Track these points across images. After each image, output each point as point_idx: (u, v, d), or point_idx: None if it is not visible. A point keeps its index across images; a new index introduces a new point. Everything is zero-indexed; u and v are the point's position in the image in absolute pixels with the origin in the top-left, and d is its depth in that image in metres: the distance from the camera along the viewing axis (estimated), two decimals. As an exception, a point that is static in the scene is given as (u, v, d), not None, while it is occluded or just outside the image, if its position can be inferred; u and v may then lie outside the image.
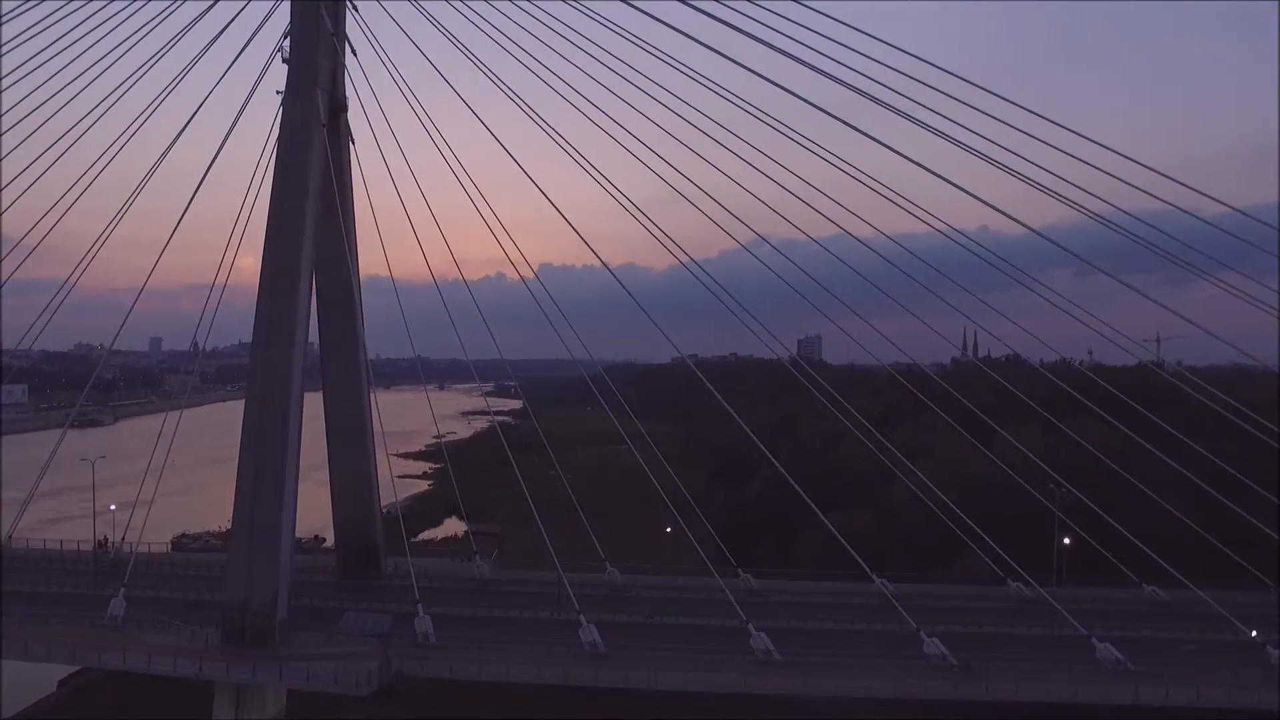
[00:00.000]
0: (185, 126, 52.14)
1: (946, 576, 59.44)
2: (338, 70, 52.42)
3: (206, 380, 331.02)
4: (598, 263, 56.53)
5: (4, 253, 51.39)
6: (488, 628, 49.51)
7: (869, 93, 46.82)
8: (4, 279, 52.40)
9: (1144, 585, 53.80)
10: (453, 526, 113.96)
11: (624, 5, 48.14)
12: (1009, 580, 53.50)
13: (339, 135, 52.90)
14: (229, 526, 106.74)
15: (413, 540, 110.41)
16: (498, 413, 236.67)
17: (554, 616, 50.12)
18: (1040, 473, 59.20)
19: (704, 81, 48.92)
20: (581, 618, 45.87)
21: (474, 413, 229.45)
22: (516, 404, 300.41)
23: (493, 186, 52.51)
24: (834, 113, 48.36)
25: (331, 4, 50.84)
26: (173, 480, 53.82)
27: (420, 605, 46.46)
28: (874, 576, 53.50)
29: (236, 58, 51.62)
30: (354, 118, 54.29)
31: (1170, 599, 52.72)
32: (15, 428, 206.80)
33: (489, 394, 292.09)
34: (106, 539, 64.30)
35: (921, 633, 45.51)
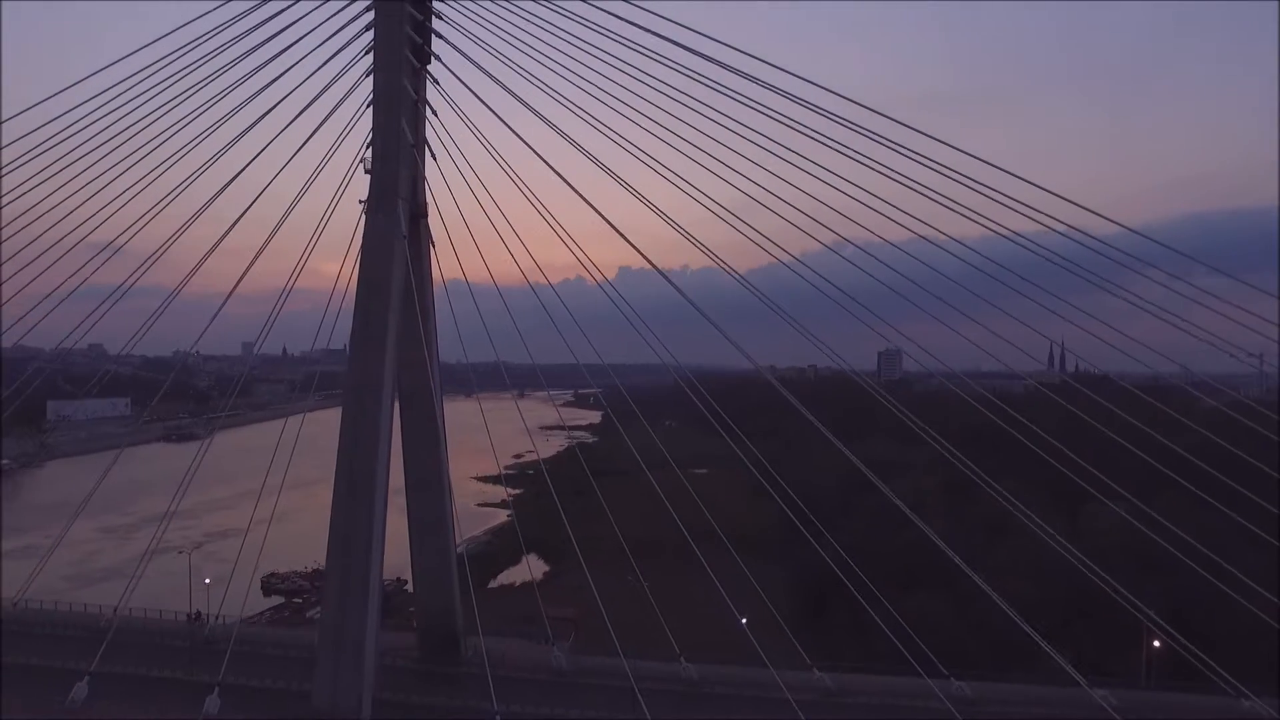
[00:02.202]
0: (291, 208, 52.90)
1: (1030, 674, 58.04)
2: (418, 178, 53.44)
3: (294, 389, 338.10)
4: (679, 266, 53.39)
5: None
6: (564, 732, 50.35)
7: (951, 92, 44.99)
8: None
9: (1244, 698, 51.53)
10: (532, 566, 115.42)
11: (700, 14, 47.58)
12: (1094, 685, 51.94)
13: (419, 241, 53.93)
14: (315, 566, 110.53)
15: (490, 586, 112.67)
16: (575, 427, 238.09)
17: (631, 718, 50.49)
18: (1129, 558, 57.17)
19: (776, 86, 46.99)
20: (657, 734, 46.17)
21: (553, 427, 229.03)
22: (596, 415, 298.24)
23: (571, 191, 50.17)
24: (915, 112, 46.20)
25: (412, 115, 51.80)
26: (264, 505, 54.85)
27: (498, 716, 47.22)
28: (950, 677, 52.76)
29: (323, 163, 52.62)
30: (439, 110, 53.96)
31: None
32: (116, 443, 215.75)
33: (569, 403, 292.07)
34: (200, 613, 66.82)
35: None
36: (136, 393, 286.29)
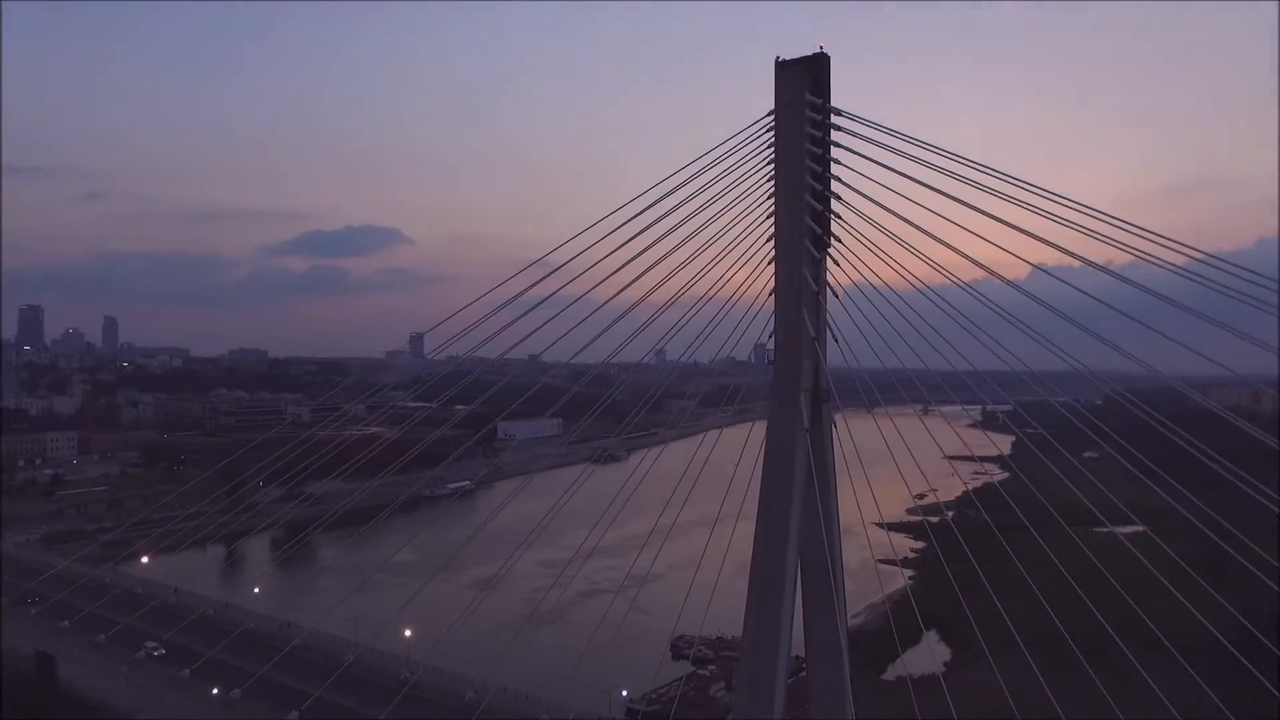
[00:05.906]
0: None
1: None
2: (819, 365, 54.54)
3: (700, 403, 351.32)
4: (1102, 260, 44.77)
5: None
6: None
7: None
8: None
9: None
10: (933, 652, 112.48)
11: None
12: None
13: (820, 425, 55.08)
14: (720, 634, 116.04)
15: (884, 678, 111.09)
16: (983, 458, 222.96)
17: None
18: None
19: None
20: None
21: (959, 457, 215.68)
22: (1007, 441, 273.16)
23: (976, 187, 48.13)
24: None
25: (813, 306, 53.02)
26: (677, 546, 57.09)
27: None
28: None
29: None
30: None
31: None
32: (551, 463, 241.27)
33: (976, 423, 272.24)
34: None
35: None
36: (565, 408, 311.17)
